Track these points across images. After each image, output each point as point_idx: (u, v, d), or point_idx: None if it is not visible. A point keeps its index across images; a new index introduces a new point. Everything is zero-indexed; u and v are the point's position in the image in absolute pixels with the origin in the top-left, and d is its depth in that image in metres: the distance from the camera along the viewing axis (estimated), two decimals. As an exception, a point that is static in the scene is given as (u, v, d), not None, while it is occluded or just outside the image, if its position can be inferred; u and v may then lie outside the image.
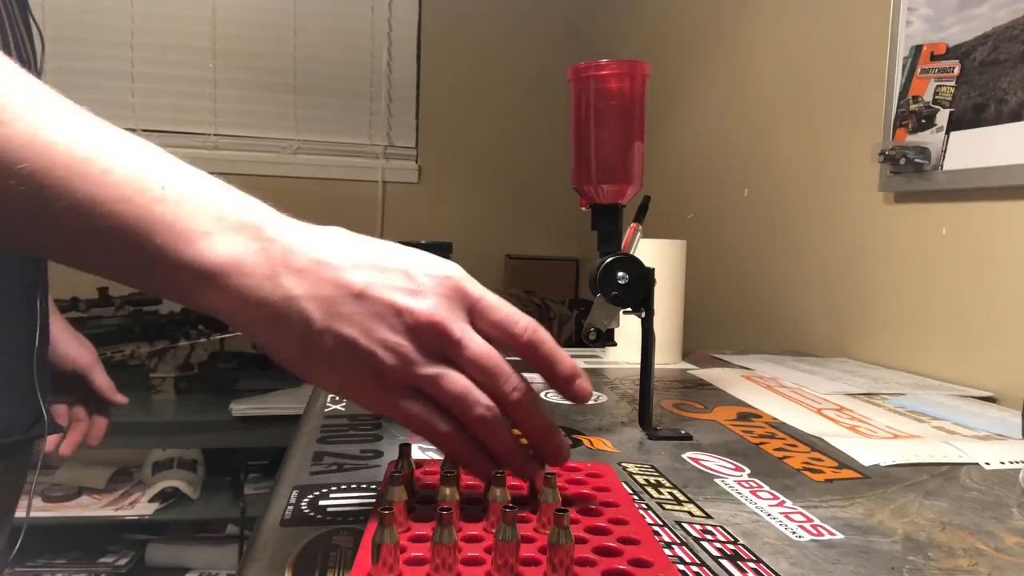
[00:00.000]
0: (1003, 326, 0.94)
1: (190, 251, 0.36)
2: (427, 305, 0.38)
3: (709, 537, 0.46)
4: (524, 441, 0.44)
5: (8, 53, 0.64)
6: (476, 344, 0.39)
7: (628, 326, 0.69)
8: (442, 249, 0.72)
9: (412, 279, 0.39)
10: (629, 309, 0.67)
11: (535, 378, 0.41)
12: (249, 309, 0.37)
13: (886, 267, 1.15)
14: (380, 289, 0.38)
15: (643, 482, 0.56)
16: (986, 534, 0.48)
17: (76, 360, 0.86)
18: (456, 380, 0.39)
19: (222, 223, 0.37)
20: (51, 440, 0.84)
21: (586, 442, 0.66)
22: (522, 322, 0.41)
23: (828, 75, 1.31)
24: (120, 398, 0.91)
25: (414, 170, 2.60)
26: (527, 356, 0.42)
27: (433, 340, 0.39)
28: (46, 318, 0.74)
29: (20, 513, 0.78)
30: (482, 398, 0.40)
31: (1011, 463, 0.63)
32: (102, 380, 0.89)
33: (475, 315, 0.40)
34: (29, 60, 0.69)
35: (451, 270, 0.41)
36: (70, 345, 0.86)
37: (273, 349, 0.39)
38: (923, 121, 1.04)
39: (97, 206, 0.35)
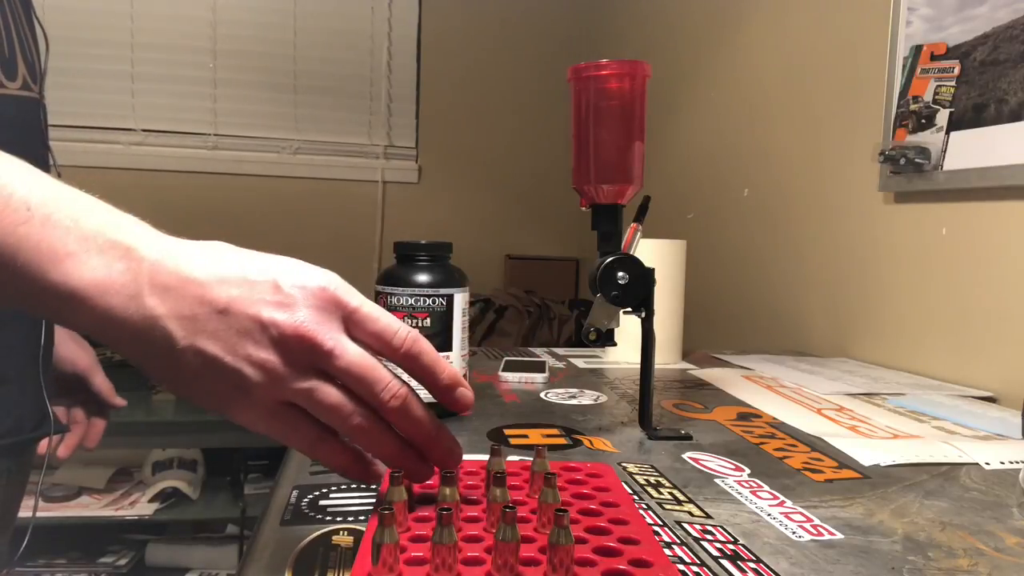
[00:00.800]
0: (1003, 326, 0.94)
1: (55, 272, 0.36)
2: (294, 317, 0.38)
3: (709, 537, 0.46)
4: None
5: (12, 53, 0.64)
6: (349, 353, 0.39)
7: (628, 326, 0.69)
8: (442, 249, 0.72)
9: (280, 291, 0.38)
10: (629, 309, 0.67)
11: (536, 378, 0.41)
12: (115, 329, 0.37)
13: (886, 267, 1.15)
14: (245, 303, 0.37)
15: (643, 482, 0.56)
16: (986, 534, 0.48)
17: (75, 362, 0.86)
18: (328, 393, 0.39)
19: (88, 244, 0.36)
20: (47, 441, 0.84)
21: (586, 442, 0.66)
22: (401, 332, 0.40)
23: (828, 75, 1.31)
24: (119, 401, 0.91)
25: (414, 170, 2.60)
26: (407, 367, 0.41)
27: (302, 352, 0.38)
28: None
29: (24, 513, 0.78)
30: (357, 408, 0.39)
31: (1011, 463, 0.63)
32: (102, 382, 0.89)
33: (352, 326, 0.40)
34: (33, 60, 0.69)
35: (325, 280, 0.39)
36: (69, 347, 0.86)
37: (144, 367, 0.39)
38: (923, 121, 1.04)
39: None
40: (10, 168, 0.37)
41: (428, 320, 0.70)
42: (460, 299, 0.72)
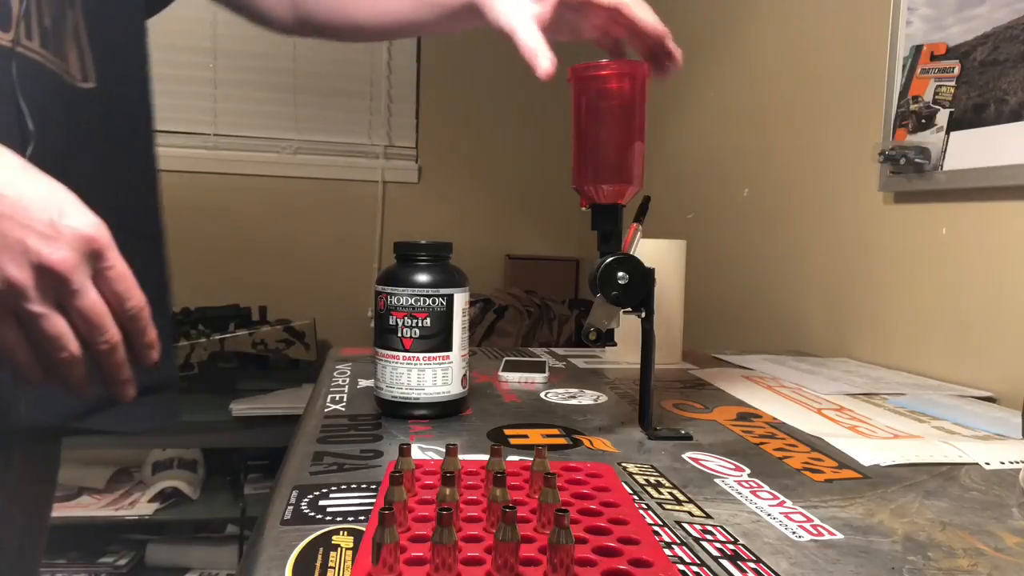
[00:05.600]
0: (1003, 326, 0.94)
1: None
2: (56, 253, 0.42)
3: (709, 537, 0.46)
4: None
5: None
6: (90, 298, 0.44)
7: (628, 326, 0.69)
8: (442, 249, 0.72)
9: (53, 226, 0.43)
10: (629, 309, 0.67)
11: (536, 378, 0.41)
12: None
13: (886, 267, 1.15)
14: (16, 226, 0.42)
15: (643, 482, 0.56)
16: (986, 534, 0.48)
17: None
18: (56, 323, 0.44)
19: None
20: None
21: (586, 442, 0.66)
22: (133, 300, 0.47)
23: (828, 75, 1.31)
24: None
25: (414, 170, 2.60)
26: (123, 327, 0.47)
27: (52, 284, 0.43)
28: None
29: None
30: (70, 344, 0.45)
31: (1011, 463, 0.63)
32: None
33: (100, 278, 0.45)
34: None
35: (95, 229, 0.44)
36: None
37: None
38: (923, 121, 1.04)
39: None
40: None
41: (428, 320, 0.70)
42: (460, 299, 0.72)
